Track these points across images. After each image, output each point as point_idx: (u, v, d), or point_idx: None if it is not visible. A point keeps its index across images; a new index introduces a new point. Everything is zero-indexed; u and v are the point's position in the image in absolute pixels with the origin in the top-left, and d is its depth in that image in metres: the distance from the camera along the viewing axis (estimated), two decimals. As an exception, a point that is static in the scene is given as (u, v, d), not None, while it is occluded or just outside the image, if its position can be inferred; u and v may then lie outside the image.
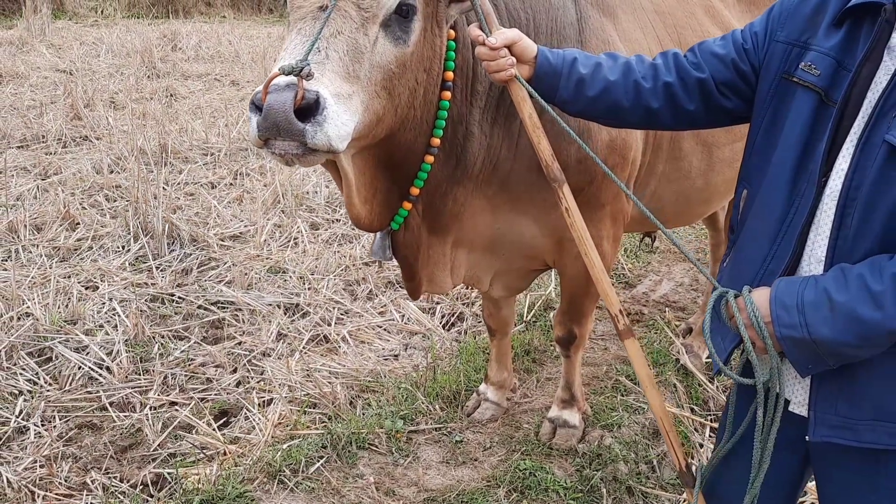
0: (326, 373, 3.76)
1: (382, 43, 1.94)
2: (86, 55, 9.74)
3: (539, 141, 2.02)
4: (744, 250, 1.80)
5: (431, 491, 2.94)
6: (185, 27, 11.81)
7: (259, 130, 1.73)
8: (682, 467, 1.99)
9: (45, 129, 6.74)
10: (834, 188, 1.58)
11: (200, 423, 3.32)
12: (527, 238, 2.67)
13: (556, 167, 2.02)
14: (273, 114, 1.68)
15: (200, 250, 4.88)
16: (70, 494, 2.95)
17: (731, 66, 1.83)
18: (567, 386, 3.26)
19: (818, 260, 1.62)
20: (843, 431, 1.64)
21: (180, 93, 8.38)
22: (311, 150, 1.76)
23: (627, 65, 1.92)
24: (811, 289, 1.55)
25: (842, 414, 1.64)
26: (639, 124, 1.99)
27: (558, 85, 1.92)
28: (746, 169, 1.85)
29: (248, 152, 6.62)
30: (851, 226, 1.55)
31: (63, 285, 4.34)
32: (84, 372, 3.65)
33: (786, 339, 1.57)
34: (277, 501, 2.83)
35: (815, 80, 1.63)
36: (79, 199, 5.50)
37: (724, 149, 2.95)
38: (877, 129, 1.51)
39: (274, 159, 1.81)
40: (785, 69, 1.72)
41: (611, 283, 2.01)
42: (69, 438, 3.26)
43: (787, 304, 1.57)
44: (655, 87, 1.88)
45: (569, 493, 2.91)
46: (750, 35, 1.83)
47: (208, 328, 4.16)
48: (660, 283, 4.79)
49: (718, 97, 1.86)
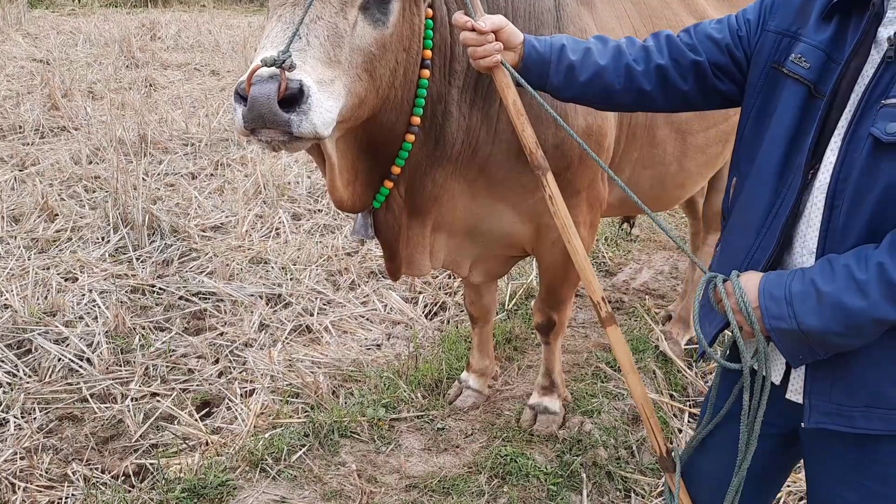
0: (309, 363, 3.76)
1: (362, 26, 1.94)
2: (63, 45, 9.64)
3: (523, 128, 2.01)
4: (732, 238, 1.83)
5: (413, 478, 2.95)
6: (165, 16, 11.73)
7: (245, 121, 1.73)
8: (663, 452, 2.01)
9: (22, 120, 6.67)
10: (823, 181, 1.59)
11: (182, 414, 3.32)
12: (505, 224, 2.68)
13: (541, 154, 2.02)
14: (258, 105, 1.69)
15: (181, 241, 4.86)
16: (51, 486, 2.94)
17: (725, 51, 1.85)
18: (547, 373, 3.28)
19: (810, 252, 1.64)
20: (838, 418, 1.66)
21: (160, 83, 8.32)
22: (297, 137, 1.77)
23: (618, 48, 1.92)
24: (798, 280, 1.57)
25: (836, 401, 1.65)
26: (632, 106, 2.00)
27: (549, 72, 1.91)
28: (736, 157, 1.87)
29: (230, 142, 6.60)
30: (840, 218, 1.56)
31: (42, 277, 4.32)
32: (64, 364, 3.63)
33: (776, 330, 1.59)
34: (259, 489, 2.84)
35: (804, 73, 1.65)
36: (57, 190, 5.46)
37: (698, 136, 2.97)
38: (862, 122, 1.52)
39: (260, 146, 1.83)
40: (775, 59, 1.73)
41: (593, 270, 2.01)
42: (50, 430, 3.24)
43: (776, 296, 1.58)
44: (647, 70, 1.88)
45: (549, 478, 2.94)
46: (744, 22, 1.84)
47: (190, 319, 4.15)
48: (640, 272, 4.83)
49: (714, 80, 1.87)
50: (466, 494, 2.84)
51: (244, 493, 2.81)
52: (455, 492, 2.85)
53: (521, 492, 2.86)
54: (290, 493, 2.82)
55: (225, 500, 2.77)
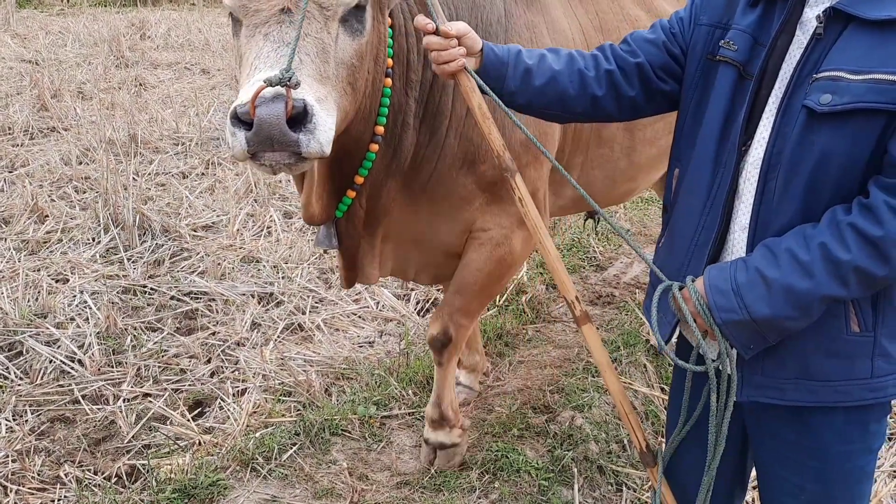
0: (301, 361, 3.77)
1: (343, 39, 1.92)
2: (52, 45, 9.59)
3: (490, 131, 1.99)
4: (677, 227, 1.86)
5: (404, 475, 2.97)
6: (154, 15, 11.68)
7: (249, 145, 1.68)
8: (643, 448, 2.03)
9: (11, 121, 6.64)
10: (756, 156, 1.65)
11: (174, 414, 3.32)
12: (444, 234, 2.68)
13: (508, 157, 2.01)
14: (266, 127, 1.64)
15: (172, 241, 4.86)
16: (44, 488, 2.94)
17: (663, 49, 1.91)
18: (437, 402, 2.98)
19: (742, 227, 1.69)
20: (769, 391, 1.72)
21: (150, 82, 8.29)
22: (304, 158, 1.73)
23: (570, 55, 1.96)
24: (742, 271, 1.61)
25: (767, 374, 1.71)
26: (584, 114, 2.00)
27: (505, 75, 1.91)
28: (678, 149, 1.92)
29: (220, 141, 6.58)
30: (775, 191, 1.62)
31: (32, 278, 4.31)
32: (56, 365, 3.63)
33: (728, 323, 1.62)
34: (250, 489, 2.85)
35: (733, 55, 1.72)
36: (47, 191, 5.44)
37: (647, 129, 2.96)
38: (795, 97, 1.59)
39: (260, 170, 1.77)
40: (709, 50, 1.81)
41: (566, 270, 2.02)
42: (42, 432, 3.24)
43: (723, 289, 1.62)
44: (598, 75, 1.92)
45: (540, 473, 2.95)
46: (676, 21, 1.92)
47: (181, 319, 4.15)
48: (631, 266, 4.84)
49: (657, 81, 1.93)
50: (458, 491, 2.86)
51: (235, 493, 2.82)
52: (446, 488, 2.86)
53: (512, 487, 2.88)
54: (280, 492, 2.83)
55: (216, 500, 2.78)
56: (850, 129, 1.52)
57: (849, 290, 1.54)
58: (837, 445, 1.74)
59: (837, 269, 1.52)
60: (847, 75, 1.51)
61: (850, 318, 1.63)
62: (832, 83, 1.52)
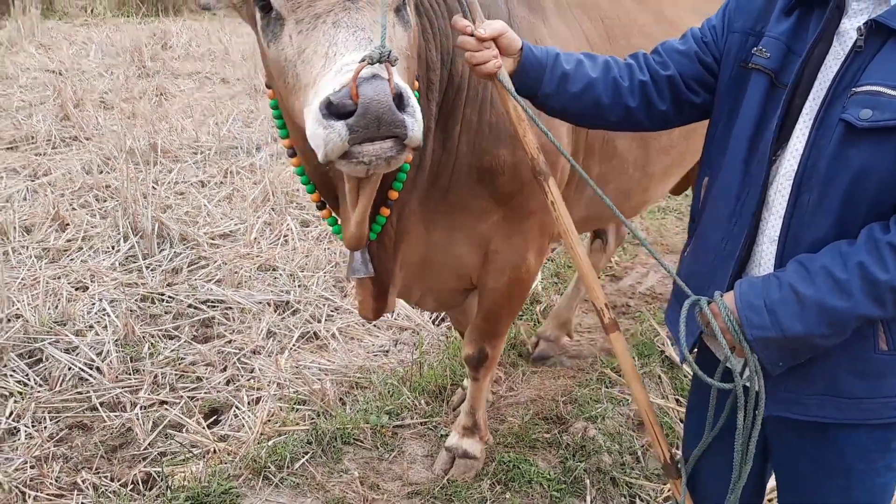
0: (316, 369, 3.79)
1: (399, 28, 1.83)
2: (75, 55, 9.69)
3: (525, 133, 1.94)
4: (705, 235, 1.85)
5: (416, 484, 2.98)
6: (175, 25, 11.75)
7: (352, 132, 1.51)
8: (667, 460, 2.01)
9: (35, 130, 6.72)
10: (789, 168, 1.63)
11: (190, 422, 3.35)
12: (457, 254, 2.57)
13: (542, 160, 1.97)
14: (376, 105, 1.49)
15: (190, 249, 4.90)
16: (61, 494, 2.97)
17: (694, 60, 1.89)
18: (471, 412, 3.04)
19: (771, 240, 1.67)
20: (793, 406, 1.71)
21: (170, 91, 8.35)
22: (404, 147, 1.59)
23: (606, 63, 1.94)
24: (775, 287, 1.59)
25: (792, 389, 1.70)
26: (616, 124, 1.98)
27: (543, 78, 1.88)
28: (708, 157, 1.90)
29: (238, 150, 6.63)
30: (808, 204, 1.59)
31: (53, 286, 4.36)
32: (74, 372, 3.67)
33: (759, 339, 1.60)
34: (262, 497, 2.87)
35: (765, 63, 1.71)
36: (68, 199, 5.50)
37: (661, 138, 2.88)
38: (831, 110, 1.56)
39: (354, 170, 1.60)
40: (742, 58, 1.79)
41: (597, 277, 2.00)
42: (60, 439, 3.28)
43: (755, 305, 1.60)
44: (632, 86, 1.90)
45: (552, 484, 2.95)
46: (708, 29, 1.90)
47: (198, 327, 4.18)
48: (646, 276, 4.83)
49: (687, 93, 1.91)
50: (469, 501, 2.86)
51: (247, 501, 2.85)
52: (458, 498, 2.87)
53: (524, 498, 2.88)
54: (292, 501, 2.86)
55: None
56: (891, 146, 1.50)
57: (885, 310, 1.53)
58: (860, 462, 1.72)
59: (875, 289, 1.50)
60: (888, 90, 1.49)
61: (879, 337, 1.62)
62: (872, 98, 1.50)
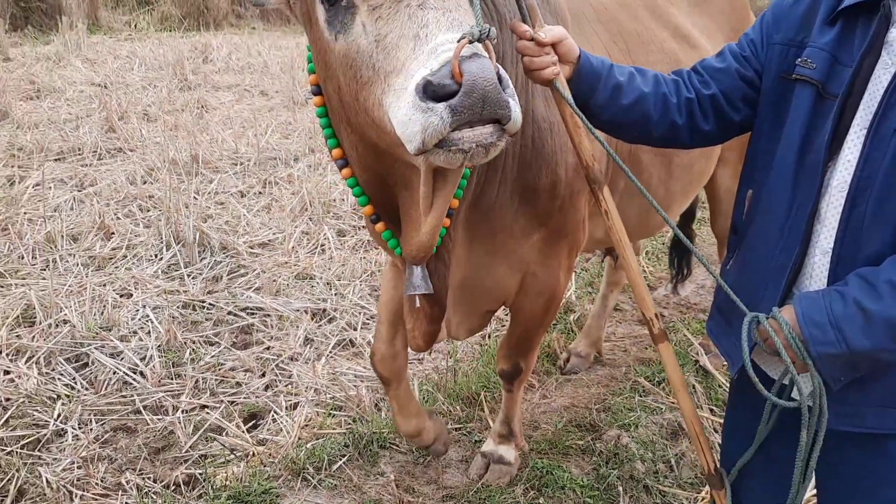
0: (352, 376, 3.85)
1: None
2: (120, 69, 9.93)
3: (580, 141, 1.92)
4: (751, 249, 1.84)
5: (450, 488, 3.02)
6: (216, 39, 11.99)
7: (454, 114, 1.42)
8: (711, 470, 2.01)
9: (81, 142, 6.91)
10: (841, 179, 1.62)
11: (230, 426, 3.43)
12: (497, 276, 2.51)
13: (598, 168, 1.94)
14: (482, 83, 1.41)
15: (230, 258, 5.00)
16: (106, 494, 3.06)
17: (735, 76, 1.88)
18: (506, 420, 3.07)
19: (823, 252, 1.66)
20: (852, 419, 1.69)
21: (211, 104, 8.53)
22: (503, 133, 1.51)
23: (656, 78, 1.93)
24: (838, 302, 1.57)
25: (850, 402, 1.68)
26: (660, 139, 1.96)
27: (597, 87, 1.86)
28: (751, 170, 1.89)
29: (277, 161, 6.75)
30: (865, 215, 1.58)
31: (98, 293, 4.48)
32: (119, 377, 3.77)
33: (822, 356, 1.58)
34: (301, 497, 2.94)
35: (811, 74, 1.69)
36: (113, 209, 5.65)
37: (683, 156, 2.87)
38: (885, 121, 1.55)
39: (452, 159, 1.50)
40: (784, 69, 1.78)
41: (647, 287, 1.99)
42: (105, 441, 3.38)
43: (819, 322, 1.58)
44: (679, 103, 1.90)
45: (585, 490, 2.98)
46: (746, 43, 1.88)
47: (238, 333, 4.27)
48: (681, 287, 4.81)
49: (729, 111, 1.90)
50: (503, 506, 2.90)
51: (286, 501, 2.91)
52: (491, 502, 2.90)
53: (556, 504, 2.91)
54: (329, 501, 2.92)
55: None
56: None
57: None
58: None
59: None
60: None
61: None
62: None
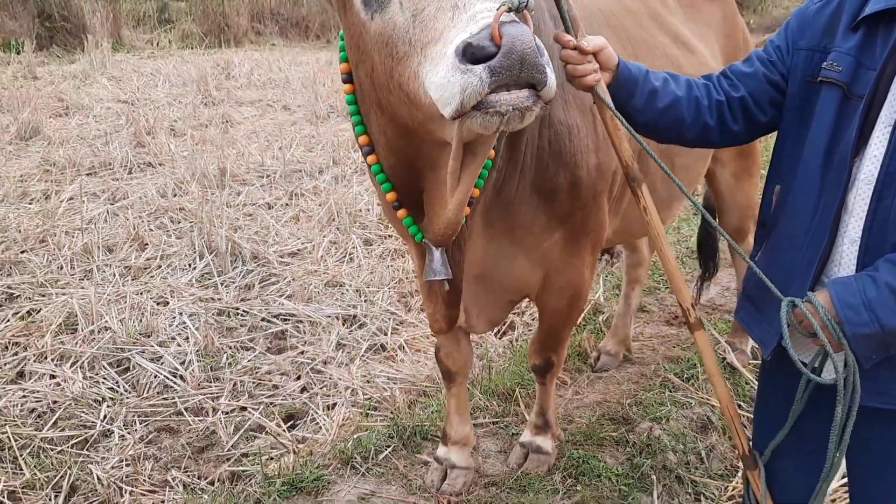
0: (385, 378, 3.94)
1: None
2: (145, 86, 10.15)
3: (620, 142, 2.05)
4: (782, 240, 1.95)
5: (491, 476, 3.13)
6: (237, 56, 12.20)
7: (493, 75, 1.48)
8: (746, 451, 2.10)
9: (112, 157, 7.08)
10: (868, 173, 1.74)
11: (270, 424, 3.53)
12: (517, 270, 2.58)
13: (636, 167, 2.08)
14: (521, 45, 1.47)
15: (261, 266, 5.11)
16: (154, 490, 3.17)
17: (762, 80, 2.01)
18: (541, 412, 3.18)
19: (852, 241, 1.78)
20: (882, 396, 1.80)
21: (235, 119, 8.70)
22: (538, 99, 1.56)
23: (689, 83, 2.06)
24: (871, 286, 1.69)
25: (881, 380, 1.79)
26: (692, 140, 2.09)
27: (635, 92, 2.00)
28: (778, 168, 2.02)
29: (302, 173, 6.89)
30: (892, 206, 1.70)
31: (136, 301, 4.60)
32: (160, 380, 3.88)
33: (857, 336, 1.70)
34: (351, 484, 3.06)
35: (837, 76, 1.81)
36: (146, 221, 5.78)
37: (684, 156, 2.94)
38: None
39: (486, 122, 1.55)
40: (809, 73, 1.90)
41: (683, 278, 2.10)
42: (149, 441, 3.49)
43: (853, 304, 1.70)
44: (710, 105, 2.03)
45: (620, 479, 3.07)
46: (773, 49, 2.02)
47: (272, 339, 4.38)
48: (707, 289, 4.89)
49: (757, 112, 2.03)
50: (542, 492, 2.99)
51: (337, 487, 3.04)
52: (531, 490, 3.00)
53: (593, 491, 3.00)
54: (378, 488, 3.04)
55: (321, 493, 3.00)
56: None
57: None
58: None
59: None
60: None
61: None
62: None
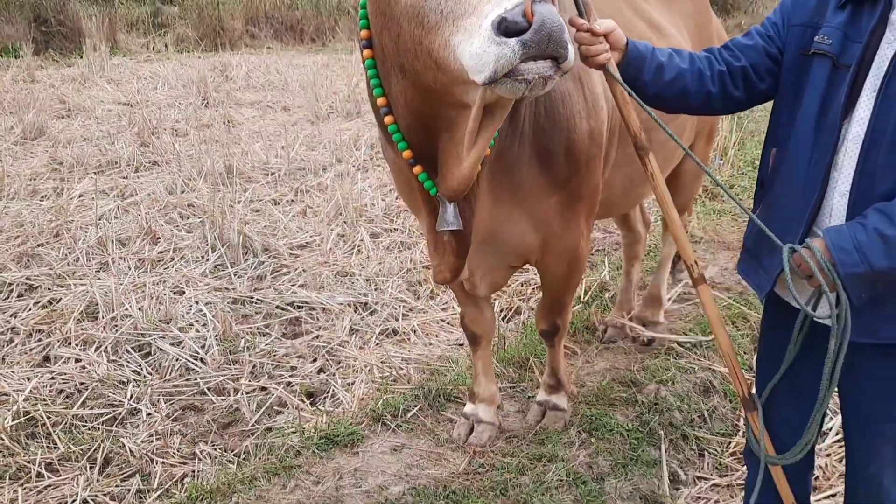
0: (400, 360, 4.08)
1: None
2: (144, 88, 10.26)
3: (629, 114, 2.24)
4: (778, 197, 2.16)
5: (512, 431, 3.35)
6: (234, 59, 12.32)
7: (525, 48, 1.66)
8: (745, 394, 2.27)
9: (118, 156, 7.20)
10: (856, 134, 1.94)
11: (293, 399, 3.68)
12: (519, 232, 2.74)
13: (644, 137, 2.27)
14: (549, 22, 1.64)
15: (272, 258, 5.24)
16: (184, 462, 3.32)
17: (762, 52, 2.22)
18: (553, 372, 3.38)
19: (842, 194, 1.98)
20: (869, 332, 1.98)
21: (236, 119, 8.83)
22: (559, 69, 1.74)
23: (691, 56, 2.27)
24: (861, 231, 1.87)
25: (868, 318, 1.97)
26: (697, 108, 2.31)
27: (643, 68, 2.21)
28: (774, 134, 2.23)
29: (306, 171, 7.02)
30: (877, 163, 1.90)
31: (154, 291, 4.74)
32: (182, 363, 4.02)
33: (850, 276, 1.88)
34: (383, 438, 3.31)
35: (827, 48, 2.03)
36: (156, 216, 5.92)
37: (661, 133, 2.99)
38: (893, 84, 1.89)
39: (513, 88, 1.73)
40: (802, 46, 2.11)
41: (687, 237, 2.29)
42: (175, 418, 3.63)
43: (846, 248, 1.88)
44: (712, 75, 2.23)
45: (631, 433, 3.29)
46: (770, 25, 2.23)
47: (287, 325, 4.51)
48: (706, 269, 5.07)
49: (756, 81, 2.23)
50: (559, 444, 3.20)
51: (370, 441, 3.27)
52: (549, 442, 3.22)
53: (607, 444, 3.22)
54: (408, 441, 3.27)
55: (357, 445, 3.23)
56: None
57: None
58: None
59: None
60: None
61: None
62: None
